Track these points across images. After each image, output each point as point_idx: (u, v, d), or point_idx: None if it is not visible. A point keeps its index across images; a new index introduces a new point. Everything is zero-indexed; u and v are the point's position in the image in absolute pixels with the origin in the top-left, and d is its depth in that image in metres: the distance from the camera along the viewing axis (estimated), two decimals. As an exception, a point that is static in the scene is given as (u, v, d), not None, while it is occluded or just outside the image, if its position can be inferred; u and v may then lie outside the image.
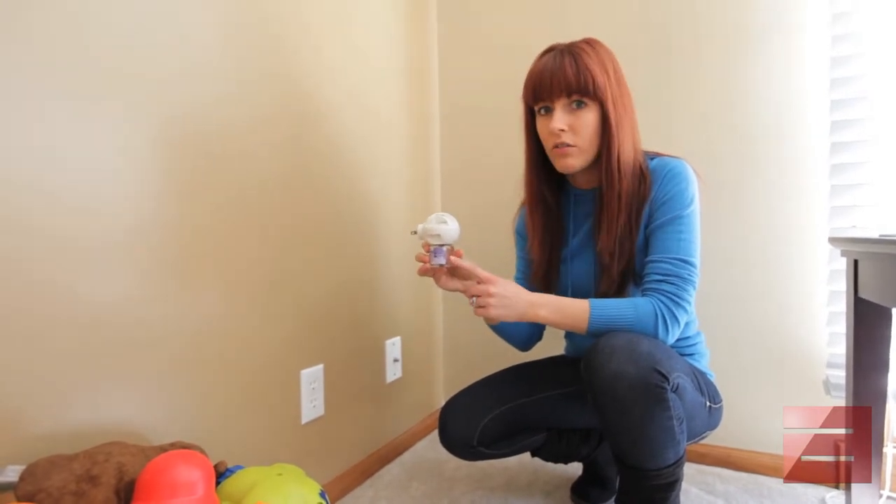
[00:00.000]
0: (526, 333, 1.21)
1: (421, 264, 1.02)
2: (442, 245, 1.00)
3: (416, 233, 1.01)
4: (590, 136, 1.02)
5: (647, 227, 1.04)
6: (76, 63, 0.78)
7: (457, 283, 1.03)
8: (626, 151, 1.03)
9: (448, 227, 0.99)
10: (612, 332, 0.93)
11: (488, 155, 1.71)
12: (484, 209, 1.72)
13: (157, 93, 0.90)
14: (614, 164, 1.02)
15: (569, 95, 1.00)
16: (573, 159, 1.03)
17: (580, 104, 1.00)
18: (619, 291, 1.05)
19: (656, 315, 0.96)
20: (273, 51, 1.13)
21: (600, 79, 0.99)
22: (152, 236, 0.89)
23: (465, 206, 1.76)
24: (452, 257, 1.00)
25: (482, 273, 0.99)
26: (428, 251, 1.01)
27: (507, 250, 1.30)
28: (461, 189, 1.77)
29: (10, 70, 0.71)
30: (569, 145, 1.02)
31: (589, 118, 1.01)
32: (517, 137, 1.14)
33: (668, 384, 0.89)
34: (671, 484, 0.95)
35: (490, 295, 0.96)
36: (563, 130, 1.01)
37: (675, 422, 0.91)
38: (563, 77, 0.99)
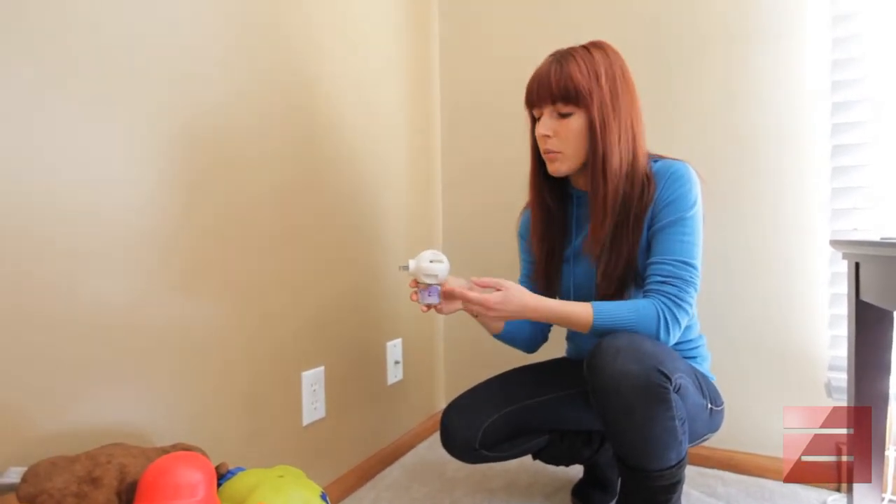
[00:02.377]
0: (529, 337, 1.21)
1: (425, 305, 1.02)
2: (437, 284, 1.00)
3: (406, 268, 1.00)
4: (574, 143, 1.03)
5: (650, 228, 1.04)
6: (83, 67, 0.79)
7: (457, 304, 1.06)
8: (614, 157, 1.02)
9: (444, 266, 1.00)
10: (615, 333, 0.94)
11: (489, 155, 1.71)
12: (485, 210, 1.72)
13: (162, 96, 0.90)
14: (599, 169, 1.02)
15: (553, 103, 1.02)
16: (559, 164, 1.05)
17: (564, 113, 1.02)
18: (618, 293, 1.05)
19: (658, 317, 0.96)
20: (278, 53, 1.13)
21: (584, 86, 0.99)
22: (156, 239, 0.89)
23: (466, 206, 1.76)
24: (446, 287, 1.01)
25: (473, 297, 0.97)
26: (414, 287, 1.01)
27: (508, 248, 1.30)
28: (462, 189, 1.77)
29: (17, 74, 0.72)
30: (556, 151, 1.04)
31: (573, 125, 1.02)
32: (518, 136, 1.15)
33: (671, 384, 0.89)
34: (673, 485, 0.96)
35: (490, 308, 0.97)
36: (548, 136, 1.03)
37: (677, 422, 0.91)
38: (546, 85, 1.02)
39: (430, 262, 0.99)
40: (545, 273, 1.16)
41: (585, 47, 1.04)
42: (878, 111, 1.25)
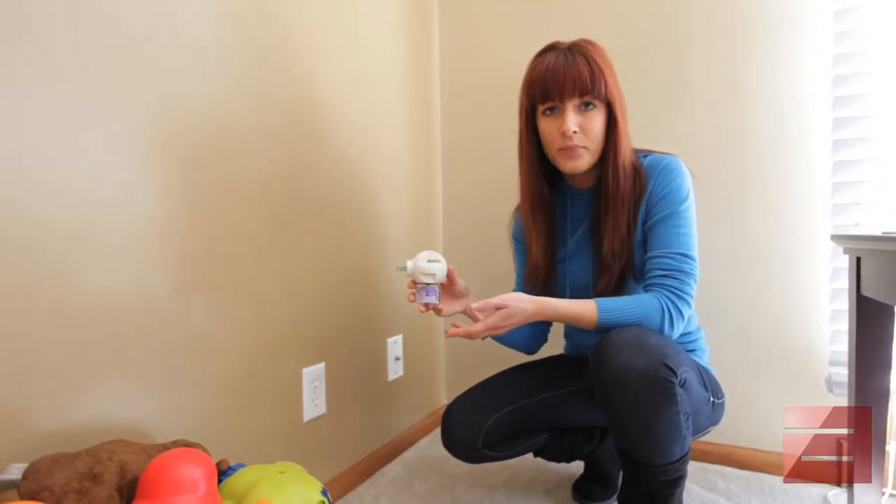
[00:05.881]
0: (528, 339, 1.21)
1: (423, 305, 1.02)
2: (435, 283, 1.00)
3: (403, 269, 1.01)
4: (599, 138, 1.02)
5: (644, 223, 1.04)
6: (84, 60, 0.79)
7: (456, 306, 1.07)
8: (627, 152, 1.04)
9: (442, 266, 1.00)
10: (619, 328, 0.94)
11: (490, 150, 1.71)
12: (486, 205, 1.72)
13: (161, 89, 0.90)
14: (620, 164, 1.03)
15: (581, 96, 1.00)
16: (581, 160, 1.03)
17: (589, 105, 1.01)
18: (617, 288, 1.05)
19: (662, 311, 0.96)
20: (274, 42, 1.13)
21: (610, 80, 1.01)
22: (156, 234, 0.89)
23: (467, 201, 1.76)
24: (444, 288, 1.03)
25: (478, 330, 0.96)
26: (412, 287, 1.02)
27: (507, 240, 1.29)
28: (461, 184, 1.77)
29: (21, 70, 0.72)
30: (581, 147, 1.01)
31: (598, 119, 1.01)
32: (516, 127, 1.13)
33: (677, 378, 0.89)
34: (676, 480, 0.96)
35: (497, 329, 0.97)
36: (575, 132, 1.00)
37: (682, 416, 0.91)
38: (578, 77, 0.98)
39: (428, 261, 1.00)
40: (543, 274, 1.14)
41: (587, 42, 1.03)
42: (880, 106, 1.24)
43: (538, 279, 1.15)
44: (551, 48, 1.05)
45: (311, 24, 1.22)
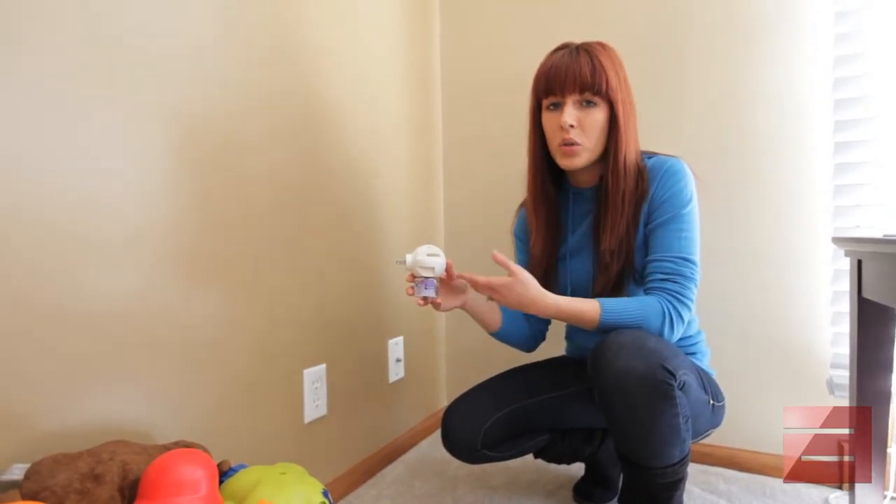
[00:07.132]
0: (527, 336, 1.21)
1: (421, 299, 1.01)
2: (434, 277, 1.00)
3: (403, 262, 1.00)
4: (597, 135, 1.02)
5: (646, 225, 1.04)
6: (85, 60, 0.79)
7: (455, 301, 1.07)
8: (631, 152, 1.04)
9: (441, 260, 1.00)
10: (618, 330, 0.93)
11: (491, 150, 1.71)
12: (486, 207, 1.72)
13: (162, 89, 0.90)
14: (621, 164, 1.03)
15: (581, 92, 1.01)
16: (578, 158, 1.03)
17: (590, 102, 1.01)
18: (616, 289, 1.05)
19: (663, 314, 0.96)
20: (275, 42, 1.13)
21: (613, 80, 1.01)
22: (158, 235, 0.89)
23: (468, 203, 1.76)
24: (456, 273, 1.03)
25: (480, 279, 0.97)
26: (411, 281, 1.01)
27: (510, 244, 1.29)
28: (464, 186, 1.77)
29: (21, 70, 0.72)
30: (576, 143, 1.02)
31: (598, 117, 1.01)
32: (518, 127, 1.13)
33: (676, 381, 0.89)
34: (676, 482, 0.96)
35: (495, 289, 0.96)
36: (572, 126, 1.01)
37: (681, 419, 0.91)
38: (578, 73, 1.00)
39: (427, 255, 0.99)
40: (543, 272, 1.14)
41: (599, 43, 1.05)
42: (881, 108, 1.24)
43: (539, 277, 1.15)
44: (563, 46, 1.06)
45: (312, 24, 1.22)
